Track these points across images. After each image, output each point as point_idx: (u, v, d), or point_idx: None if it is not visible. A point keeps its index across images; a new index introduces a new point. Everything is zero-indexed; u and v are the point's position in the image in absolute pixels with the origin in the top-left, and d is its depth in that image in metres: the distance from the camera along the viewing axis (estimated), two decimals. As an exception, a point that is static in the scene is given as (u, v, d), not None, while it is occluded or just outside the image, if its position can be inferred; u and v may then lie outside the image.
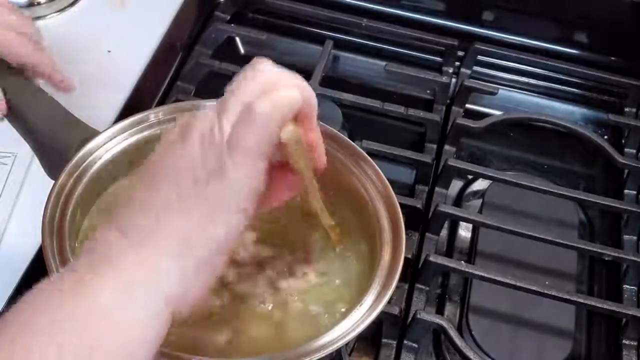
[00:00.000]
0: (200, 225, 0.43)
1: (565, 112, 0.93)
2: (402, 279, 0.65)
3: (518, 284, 0.67)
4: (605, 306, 0.67)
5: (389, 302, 0.54)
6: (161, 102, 0.85)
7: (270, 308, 0.56)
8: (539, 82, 0.95)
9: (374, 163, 0.62)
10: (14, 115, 0.63)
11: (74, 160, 0.58)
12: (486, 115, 0.87)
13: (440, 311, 0.72)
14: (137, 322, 0.41)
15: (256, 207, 0.45)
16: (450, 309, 0.72)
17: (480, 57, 0.94)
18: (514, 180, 0.77)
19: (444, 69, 0.94)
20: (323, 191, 0.54)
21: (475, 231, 0.77)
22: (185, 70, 0.88)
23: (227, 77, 0.46)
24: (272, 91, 0.45)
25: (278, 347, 0.53)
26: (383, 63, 0.91)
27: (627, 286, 0.74)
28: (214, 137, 0.44)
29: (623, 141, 0.89)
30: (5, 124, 0.64)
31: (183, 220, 0.43)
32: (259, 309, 0.56)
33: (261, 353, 0.52)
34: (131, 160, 0.60)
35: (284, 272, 0.58)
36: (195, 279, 0.43)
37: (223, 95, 0.46)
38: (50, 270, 0.51)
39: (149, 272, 0.42)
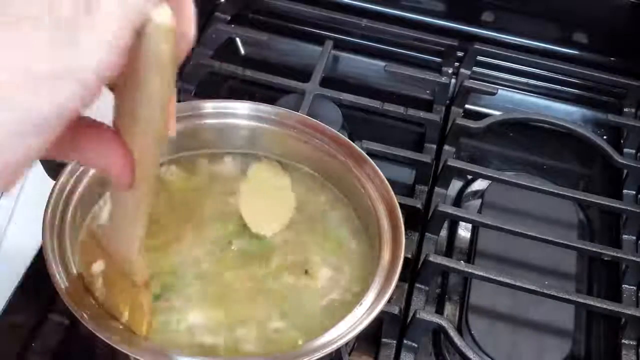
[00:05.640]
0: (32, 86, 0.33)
1: (565, 113, 0.93)
2: (402, 278, 0.65)
3: (517, 283, 0.67)
4: (604, 306, 0.67)
5: (388, 301, 0.54)
6: (161, 103, 0.85)
7: None
8: (539, 82, 0.95)
9: (373, 163, 0.62)
10: None
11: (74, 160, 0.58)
12: (486, 115, 0.87)
13: (439, 311, 0.72)
14: None
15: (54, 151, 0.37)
16: (449, 308, 0.72)
17: (479, 58, 0.94)
18: (514, 181, 0.77)
19: (444, 69, 0.94)
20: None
21: (474, 231, 0.77)
22: (185, 70, 0.88)
23: (227, 78, 0.46)
24: None
25: None
26: (383, 63, 0.91)
27: (626, 286, 0.74)
28: None
29: (622, 141, 0.89)
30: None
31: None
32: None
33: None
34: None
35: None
36: (16, 146, 0.33)
37: (223, 96, 0.43)
38: (51, 270, 0.51)
39: None
